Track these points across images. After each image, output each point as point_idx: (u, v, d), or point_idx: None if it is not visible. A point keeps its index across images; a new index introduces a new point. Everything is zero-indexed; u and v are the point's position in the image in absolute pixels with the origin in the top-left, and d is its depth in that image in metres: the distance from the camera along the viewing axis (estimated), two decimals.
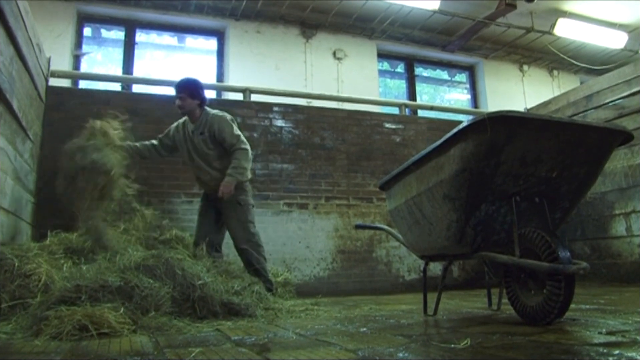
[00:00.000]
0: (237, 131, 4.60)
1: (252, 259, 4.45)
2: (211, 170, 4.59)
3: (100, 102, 5.57)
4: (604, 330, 2.34)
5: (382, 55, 9.23)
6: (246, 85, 6.59)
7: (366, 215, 6.41)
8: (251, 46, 8.04)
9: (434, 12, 8.06)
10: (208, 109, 4.70)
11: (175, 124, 4.85)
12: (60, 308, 2.76)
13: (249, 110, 6.21)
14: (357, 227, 4.32)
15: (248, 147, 4.59)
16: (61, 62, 6.59)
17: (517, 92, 9.87)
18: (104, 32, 7.81)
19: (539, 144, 2.63)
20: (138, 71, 7.72)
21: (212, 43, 8.32)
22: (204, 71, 8.18)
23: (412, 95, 9.38)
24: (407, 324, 2.96)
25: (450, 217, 2.87)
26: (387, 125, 6.89)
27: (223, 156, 4.58)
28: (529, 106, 7.91)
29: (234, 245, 4.56)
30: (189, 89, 4.59)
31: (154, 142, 4.88)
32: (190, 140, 4.63)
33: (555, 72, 10.31)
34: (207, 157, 4.59)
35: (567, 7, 8.52)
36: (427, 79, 9.95)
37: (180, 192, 5.62)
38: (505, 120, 2.52)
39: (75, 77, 6.86)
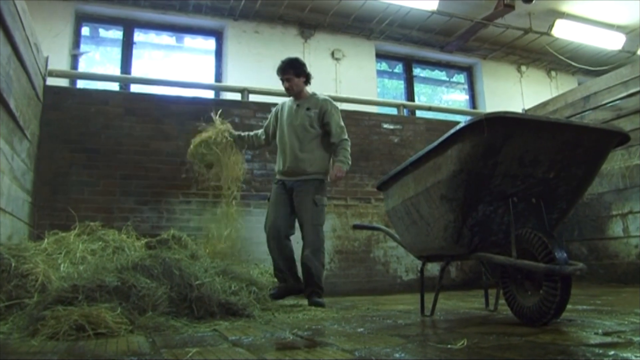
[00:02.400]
0: (341, 118, 4.62)
1: (311, 265, 4.29)
2: (300, 151, 4.45)
3: (98, 102, 5.58)
4: (600, 331, 2.35)
5: (380, 56, 9.23)
6: (244, 85, 6.58)
7: (364, 216, 6.41)
8: (249, 46, 8.04)
9: (433, 12, 8.06)
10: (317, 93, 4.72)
11: (274, 109, 4.89)
12: (57, 308, 2.76)
13: (247, 110, 6.21)
14: (355, 227, 4.32)
15: (349, 142, 4.58)
16: (59, 61, 6.58)
17: (515, 92, 9.87)
18: (102, 32, 7.81)
19: (536, 145, 2.64)
20: (136, 71, 7.71)
21: (210, 43, 8.32)
22: (202, 71, 8.18)
23: (410, 95, 9.38)
24: (405, 324, 2.96)
25: (447, 218, 2.87)
26: (385, 125, 6.89)
27: (318, 141, 4.51)
28: (527, 107, 7.92)
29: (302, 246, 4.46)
30: (294, 67, 4.57)
31: (259, 132, 4.94)
32: (293, 115, 4.56)
33: (553, 73, 10.32)
34: (303, 136, 4.47)
35: (565, 8, 8.53)
36: (425, 80, 9.96)
37: (177, 192, 5.61)
38: (503, 121, 2.53)
39: (73, 77, 6.85)
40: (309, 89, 4.74)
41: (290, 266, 4.46)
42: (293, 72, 4.54)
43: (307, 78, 4.64)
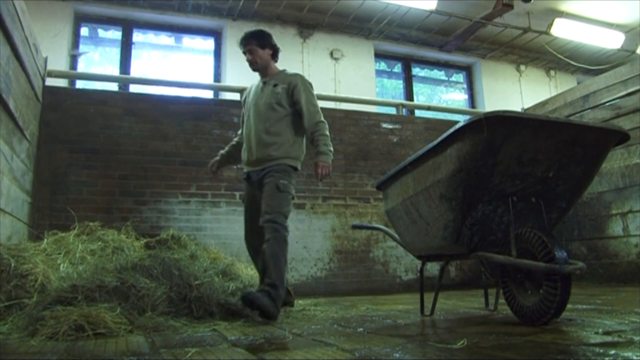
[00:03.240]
0: (315, 99, 3.91)
1: (269, 251, 3.42)
2: (266, 134, 3.74)
3: (97, 102, 5.57)
4: (600, 331, 2.35)
5: (379, 55, 9.23)
6: (243, 86, 6.55)
7: (363, 215, 6.41)
8: None
9: (431, 12, 8.05)
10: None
11: (244, 95, 4.23)
12: (56, 308, 2.76)
13: None
14: (354, 227, 4.31)
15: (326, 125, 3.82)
16: (58, 62, 6.58)
17: (514, 92, 9.88)
18: (101, 32, 7.80)
19: (535, 144, 2.64)
20: (135, 71, 7.70)
21: (209, 43, 8.31)
22: (201, 71, 8.17)
23: (409, 95, 9.38)
24: (404, 324, 2.96)
25: (447, 217, 2.87)
26: (385, 125, 6.89)
27: (287, 122, 3.79)
28: (526, 106, 7.92)
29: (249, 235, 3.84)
30: (257, 37, 3.91)
31: (235, 139, 4.26)
32: (259, 94, 3.92)
33: (552, 72, 10.32)
34: (268, 116, 3.77)
35: (563, 7, 8.53)
36: (424, 79, 9.95)
37: (177, 192, 5.61)
38: (502, 120, 2.53)
39: (72, 77, 6.85)
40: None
41: None
42: (256, 42, 3.89)
43: (275, 52, 4.00)
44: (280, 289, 3.35)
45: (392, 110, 7.66)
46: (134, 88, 7.11)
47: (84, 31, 7.62)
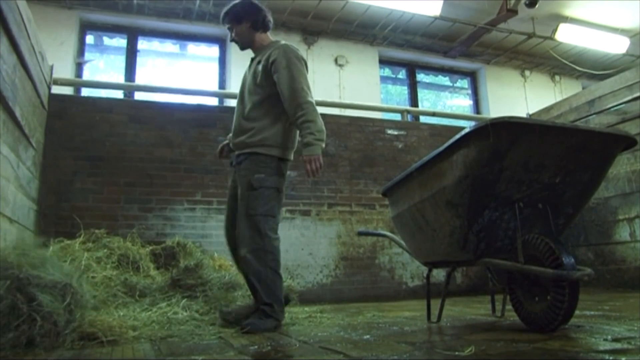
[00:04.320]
0: (303, 75, 3.31)
1: (250, 271, 3.18)
2: (244, 119, 3.42)
3: (102, 110, 5.59)
4: (609, 337, 2.33)
5: (383, 62, 9.23)
6: None
7: (369, 222, 6.40)
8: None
9: (435, 18, 8.06)
10: (277, 40, 3.61)
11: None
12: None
13: None
14: (360, 233, 4.30)
15: (312, 100, 3.27)
16: (63, 69, 6.62)
17: (519, 97, 9.86)
18: (106, 40, 7.83)
19: (542, 150, 2.63)
20: (140, 79, 7.73)
21: (214, 50, 8.33)
22: (206, 78, 8.19)
23: (414, 101, 9.38)
24: (411, 331, 2.94)
25: (453, 224, 2.86)
26: (390, 131, 6.88)
27: (268, 105, 3.37)
28: (531, 111, 7.91)
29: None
30: (230, 13, 3.52)
31: None
32: (246, 75, 3.59)
33: (557, 78, 10.31)
34: (247, 98, 3.45)
35: (568, 12, 8.53)
36: (429, 85, 9.95)
37: (182, 199, 5.61)
38: (508, 126, 2.52)
39: (78, 85, 6.87)
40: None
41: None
42: (230, 19, 3.53)
43: (255, 22, 3.54)
44: (275, 305, 3.16)
45: (397, 117, 7.66)
46: (139, 95, 7.13)
47: (90, 39, 7.66)
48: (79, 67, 7.31)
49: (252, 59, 3.57)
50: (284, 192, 3.39)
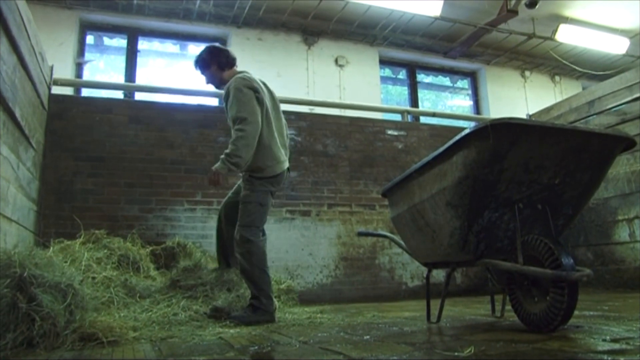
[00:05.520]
0: (241, 104, 3.71)
1: (240, 268, 3.79)
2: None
3: (102, 110, 5.59)
4: (608, 338, 2.33)
5: (384, 62, 9.24)
6: None
7: (369, 222, 6.40)
8: (253, 53, 8.05)
9: (436, 18, 8.06)
10: (242, 71, 4.00)
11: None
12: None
13: None
14: (360, 234, 4.30)
15: (249, 127, 3.64)
16: (63, 70, 6.62)
17: (519, 98, 9.87)
18: (107, 40, 7.84)
19: (541, 151, 2.63)
20: (140, 79, 7.74)
21: None
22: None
23: (414, 101, 9.39)
24: (411, 331, 2.95)
25: (453, 224, 2.87)
26: (390, 132, 6.89)
27: None
28: (531, 112, 7.91)
29: None
30: (197, 62, 4.07)
31: None
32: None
33: (557, 78, 10.31)
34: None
35: (568, 13, 8.53)
36: (429, 86, 9.96)
37: (182, 199, 5.61)
38: (508, 127, 2.52)
39: (78, 85, 6.88)
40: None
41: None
42: (200, 66, 4.05)
43: (220, 63, 4.00)
44: (262, 297, 3.63)
45: (397, 117, 7.66)
46: (139, 96, 7.14)
47: (90, 39, 7.67)
48: (79, 67, 7.32)
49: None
50: (268, 203, 3.89)
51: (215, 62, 4.01)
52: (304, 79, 8.25)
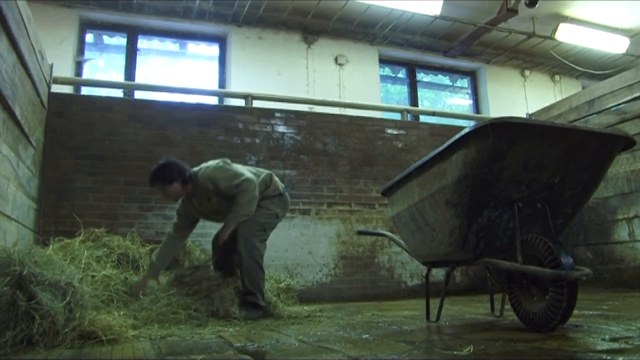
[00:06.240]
0: (231, 171, 4.04)
1: (239, 262, 3.99)
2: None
3: (102, 109, 5.59)
4: (607, 337, 2.33)
5: (383, 61, 9.24)
6: (248, 92, 6.60)
7: (368, 221, 6.40)
8: (253, 52, 8.06)
9: (436, 17, 8.06)
10: (198, 175, 4.05)
11: (178, 202, 4.29)
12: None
13: (250, 116, 6.21)
14: (359, 233, 4.30)
15: (248, 184, 3.95)
16: (63, 68, 6.62)
17: (519, 97, 9.87)
18: (106, 39, 7.83)
19: (541, 150, 2.63)
20: (140, 77, 7.74)
21: (214, 49, 8.34)
22: (206, 77, 8.20)
23: (413, 100, 9.39)
24: (410, 330, 2.95)
25: (452, 223, 2.87)
26: (389, 130, 6.88)
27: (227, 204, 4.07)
28: (531, 111, 7.91)
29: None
30: (159, 179, 3.97)
31: (171, 232, 4.33)
32: (203, 209, 4.19)
33: (557, 77, 10.32)
34: (225, 210, 4.05)
35: (568, 12, 8.53)
36: (429, 85, 9.97)
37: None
38: (508, 126, 2.52)
39: (78, 84, 6.88)
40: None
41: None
42: (161, 182, 3.97)
43: (184, 179, 3.99)
44: (257, 293, 3.90)
45: (397, 116, 7.66)
46: (139, 94, 7.14)
47: (89, 38, 7.67)
48: (78, 65, 7.32)
49: (192, 200, 4.16)
50: (269, 223, 4.20)
51: (180, 178, 3.97)
52: (304, 77, 8.25)
